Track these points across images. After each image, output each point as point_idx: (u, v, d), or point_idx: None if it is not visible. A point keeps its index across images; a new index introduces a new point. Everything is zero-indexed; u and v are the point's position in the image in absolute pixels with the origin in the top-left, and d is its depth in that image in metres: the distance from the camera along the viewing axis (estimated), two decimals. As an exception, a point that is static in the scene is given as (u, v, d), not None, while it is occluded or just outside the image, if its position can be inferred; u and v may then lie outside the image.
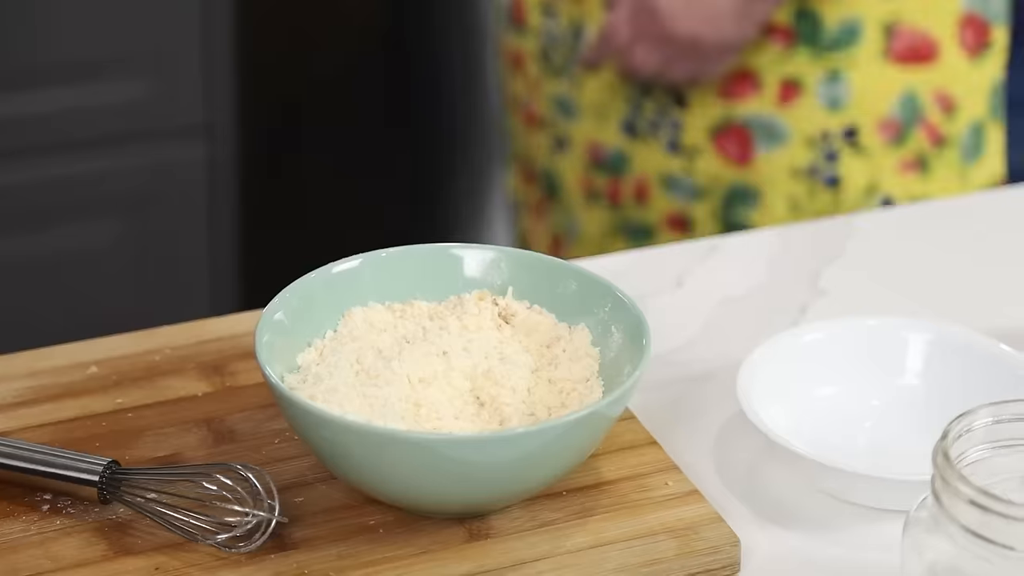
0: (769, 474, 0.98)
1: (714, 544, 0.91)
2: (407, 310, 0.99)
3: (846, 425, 1.00)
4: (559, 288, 1.00)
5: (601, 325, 0.98)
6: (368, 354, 0.96)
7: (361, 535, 0.91)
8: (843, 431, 1.00)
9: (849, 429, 1.00)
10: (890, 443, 0.99)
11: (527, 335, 0.98)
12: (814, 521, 0.95)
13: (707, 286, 1.15)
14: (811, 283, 1.15)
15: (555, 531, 0.92)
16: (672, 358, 1.07)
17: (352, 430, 0.89)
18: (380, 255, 1.01)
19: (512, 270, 1.01)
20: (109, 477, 0.92)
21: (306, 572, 0.89)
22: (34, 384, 1.01)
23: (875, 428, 0.99)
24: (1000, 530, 0.82)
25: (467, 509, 0.92)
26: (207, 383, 1.02)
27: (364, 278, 1.00)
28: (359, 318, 0.98)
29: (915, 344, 1.03)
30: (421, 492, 0.90)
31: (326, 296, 0.99)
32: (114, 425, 0.98)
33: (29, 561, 0.89)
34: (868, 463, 0.98)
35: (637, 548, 0.91)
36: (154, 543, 0.90)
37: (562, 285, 1.00)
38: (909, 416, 1.00)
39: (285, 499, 0.92)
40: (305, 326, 0.98)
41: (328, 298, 0.99)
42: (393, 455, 0.88)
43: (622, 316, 0.97)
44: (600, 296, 0.98)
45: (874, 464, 0.97)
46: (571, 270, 1.00)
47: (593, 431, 0.91)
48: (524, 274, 1.01)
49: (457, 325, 0.97)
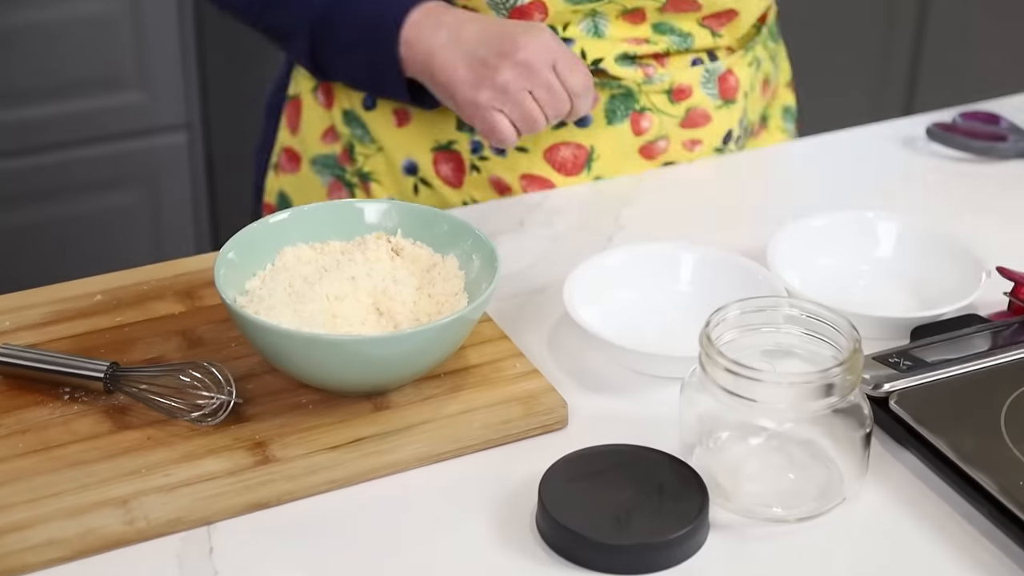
0: (588, 357, 0.98)
1: (549, 407, 0.91)
2: (324, 248, 0.98)
3: (641, 320, 1.00)
4: (435, 229, 0.98)
5: (465, 255, 0.97)
6: (297, 280, 0.94)
7: (296, 410, 0.90)
8: (638, 324, 0.99)
9: (643, 322, 1.00)
10: (671, 331, 0.99)
11: (412, 263, 0.96)
12: (619, 388, 0.95)
13: (541, 226, 1.13)
14: (614, 221, 1.14)
15: (436, 402, 0.91)
16: (517, 277, 1.06)
17: (286, 335, 0.87)
18: (304, 209, 0.99)
19: (400, 216, 0.99)
20: (111, 374, 0.91)
21: (257, 437, 0.88)
22: (55, 309, 0.99)
23: (661, 321, 0.98)
24: (746, 388, 0.82)
25: (372, 389, 0.91)
26: (182, 304, 1.00)
27: (293, 225, 0.98)
28: (290, 254, 0.97)
29: (686, 262, 1.03)
30: (338, 378, 0.89)
31: (266, 239, 0.97)
32: (114, 337, 0.96)
33: (56, 436, 0.88)
34: (656, 345, 0.97)
35: (494, 411, 0.91)
36: (146, 420, 0.89)
37: (437, 227, 0.98)
38: (684, 312, 1.00)
39: (240, 386, 0.91)
40: (250, 261, 0.96)
41: (267, 240, 0.97)
42: (317, 353, 0.87)
43: (480, 248, 0.96)
44: (464, 234, 0.97)
45: (661, 345, 0.97)
46: (444, 216, 0.99)
47: (461, 329, 0.90)
48: (409, 219, 0.99)
49: (361, 258, 0.96)
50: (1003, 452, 0.85)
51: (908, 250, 1.06)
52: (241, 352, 0.94)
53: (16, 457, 0.86)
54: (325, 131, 1.24)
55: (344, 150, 1.23)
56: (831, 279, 1.04)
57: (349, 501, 0.85)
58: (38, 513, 0.82)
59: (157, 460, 0.86)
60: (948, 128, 1.25)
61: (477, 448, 0.89)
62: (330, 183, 1.24)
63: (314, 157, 1.25)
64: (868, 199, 1.17)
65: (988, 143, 1.24)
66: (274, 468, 0.85)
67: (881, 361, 0.92)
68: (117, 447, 0.87)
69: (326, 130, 1.24)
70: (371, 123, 1.21)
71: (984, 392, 0.90)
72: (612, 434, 0.89)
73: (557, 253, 1.09)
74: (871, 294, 1.04)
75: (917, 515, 0.85)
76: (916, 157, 1.25)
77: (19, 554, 0.80)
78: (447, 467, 0.88)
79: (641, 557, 0.80)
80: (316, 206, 0.99)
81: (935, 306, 1.00)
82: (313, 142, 1.25)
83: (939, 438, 0.86)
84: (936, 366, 0.92)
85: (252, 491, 0.84)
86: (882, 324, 0.98)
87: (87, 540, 0.81)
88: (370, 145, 1.21)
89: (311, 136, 1.25)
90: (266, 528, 0.83)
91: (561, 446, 0.87)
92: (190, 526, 0.82)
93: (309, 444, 0.87)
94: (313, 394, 0.91)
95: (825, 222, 1.07)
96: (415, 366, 0.90)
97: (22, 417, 0.89)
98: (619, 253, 1.04)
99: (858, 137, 1.28)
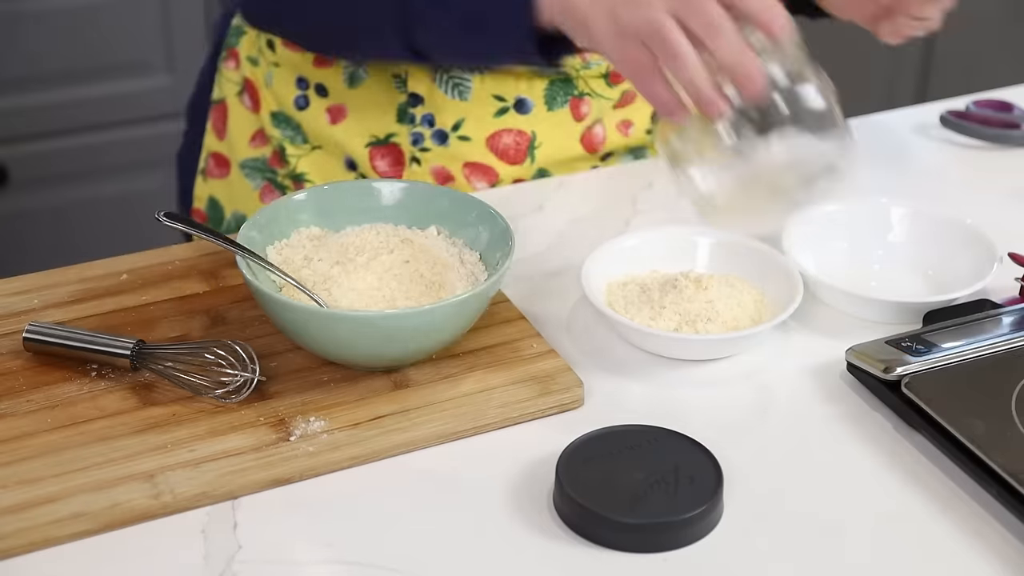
0: (604, 338, 0.97)
1: (565, 386, 0.91)
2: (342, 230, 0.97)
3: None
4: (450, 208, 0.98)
5: (479, 233, 0.96)
6: (317, 259, 0.94)
7: (318, 388, 0.90)
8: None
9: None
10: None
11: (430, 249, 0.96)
12: (635, 370, 0.95)
13: (559, 210, 1.13)
14: (632, 204, 1.13)
15: (454, 381, 0.91)
16: (536, 259, 1.06)
17: (308, 312, 0.87)
18: (322, 188, 0.99)
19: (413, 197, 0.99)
20: (138, 352, 0.91)
21: (279, 414, 0.88)
22: (83, 287, 0.99)
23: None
24: None
25: (390, 364, 0.91)
26: (206, 284, 1.00)
27: (310, 204, 0.98)
28: (307, 233, 0.96)
29: (702, 246, 1.03)
30: (359, 353, 0.89)
31: (283, 217, 0.97)
32: (141, 315, 0.96)
33: (84, 411, 0.88)
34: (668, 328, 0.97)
35: (512, 390, 0.90)
36: (171, 397, 0.89)
37: (465, 212, 0.98)
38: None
39: (263, 364, 0.90)
40: (270, 239, 0.95)
41: (285, 219, 0.97)
42: (339, 328, 0.87)
43: (493, 226, 0.96)
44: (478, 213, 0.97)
45: (676, 330, 0.96)
46: (458, 196, 0.99)
47: (478, 305, 0.90)
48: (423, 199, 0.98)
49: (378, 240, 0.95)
50: (1014, 435, 0.85)
51: (921, 236, 1.05)
52: (264, 331, 0.94)
53: (44, 432, 0.86)
54: (253, 134, 1.22)
55: (274, 152, 1.20)
56: (845, 264, 1.04)
57: (369, 477, 0.85)
58: (66, 487, 0.82)
59: (182, 436, 0.86)
60: (961, 116, 1.24)
61: (495, 427, 0.89)
62: (262, 187, 1.22)
63: (243, 161, 1.22)
64: (882, 185, 1.17)
65: (1001, 130, 1.23)
66: (296, 445, 0.85)
67: (894, 345, 0.92)
68: (143, 423, 0.87)
69: (254, 133, 1.22)
70: (304, 122, 1.18)
71: (996, 376, 0.90)
72: (628, 415, 0.89)
73: (575, 236, 1.09)
74: (884, 279, 1.04)
75: (929, 497, 0.84)
76: (929, 144, 1.24)
77: (47, 527, 0.80)
78: (465, 445, 0.88)
79: (656, 535, 0.80)
80: (334, 185, 0.99)
81: (948, 291, 1.00)
82: (242, 146, 1.22)
83: (951, 422, 0.86)
84: (948, 350, 0.91)
85: (275, 467, 0.84)
86: (895, 308, 0.98)
87: (114, 514, 0.81)
88: (303, 145, 1.19)
89: (239, 140, 1.22)
90: (289, 503, 0.83)
91: (577, 426, 0.87)
92: (215, 500, 0.83)
93: (331, 421, 0.87)
94: (335, 372, 0.91)
95: (839, 208, 1.06)
96: (436, 340, 0.90)
97: (50, 393, 0.89)
98: (636, 236, 1.03)
99: (872, 124, 1.28)
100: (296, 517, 0.82)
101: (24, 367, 0.91)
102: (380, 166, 1.17)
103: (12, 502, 0.81)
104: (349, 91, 1.15)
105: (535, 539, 0.81)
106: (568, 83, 1.15)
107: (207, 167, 1.26)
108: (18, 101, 2.00)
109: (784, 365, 0.95)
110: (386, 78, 1.14)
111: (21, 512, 0.80)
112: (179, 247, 1.04)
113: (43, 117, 2.02)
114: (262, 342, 0.93)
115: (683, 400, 0.92)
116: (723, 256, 1.02)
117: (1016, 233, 1.07)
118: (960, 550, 0.81)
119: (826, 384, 0.93)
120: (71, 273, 1.00)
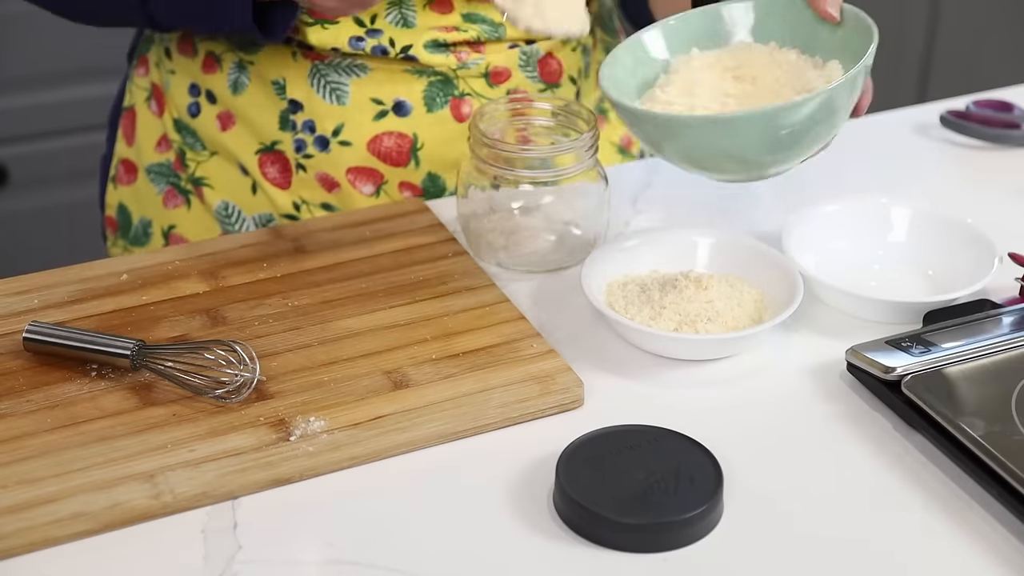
0: (604, 338, 0.97)
1: (565, 386, 0.91)
2: None
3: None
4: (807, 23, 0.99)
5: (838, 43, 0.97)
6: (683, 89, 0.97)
7: (317, 388, 0.90)
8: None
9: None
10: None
11: None
12: (635, 370, 0.95)
13: (559, 209, 1.13)
14: (632, 204, 1.13)
15: (454, 381, 0.91)
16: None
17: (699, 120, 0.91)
18: (670, 22, 1.00)
19: None
20: (138, 351, 0.91)
21: (279, 414, 0.88)
22: (83, 287, 0.99)
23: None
24: None
25: None
26: (206, 284, 1.00)
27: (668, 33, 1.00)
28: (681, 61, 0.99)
29: (702, 246, 1.03)
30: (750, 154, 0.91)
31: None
32: (140, 315, 0.96)
33: (84, 411, 0.88)
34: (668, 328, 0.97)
35: (512, 390, 0.90)
36: (171, 397, 0.89)
37: None
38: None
39: (263, 364, 0.90)
40: None
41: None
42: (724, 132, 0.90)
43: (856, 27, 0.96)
44: None
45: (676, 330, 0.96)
46: None
47: (853, 91, 0.91)
48: None
49: None
50: (1014, 436, 0.85)
51: (921, 236, 1.05)
52: (264, 331, 0.94)
53: (44, 432, 0.86)
54: (159, 139, 1.21)
55: (177, 157, 1.20)
56: (845, 263, 1.03)
57: (369, 477, 0.85)
58: (66, 487, 0.82)
59: (182, 436, 0.86)
60: (961, 116, 1.24)
61: (495, 427, 0.89)
62: (165, 191, 1.21)
63: (149, 166, 1.21)
64: (882, 185, 1.16)
65: (1001, 130, 1.23)
66: (296, 445, 0.85)
67: (894, 345, 0.92)
68: (143, 423, 0.87)
69: (160, 138, 1.21)
70: (200, 129, 1.17)
71: (996, 376, 0.90)
72: (628, 415, 0.89)
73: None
74: (884, 279, 1.03)
75: (929, 497, 0.84)
76: (929, 144, 1.24)
77: (47, 527, 0.80)
78: (465, 445, 0.88)
79: (656, 535, 0.80)
80: (682, 17, 1.00)
81: (948, 291, 1.00)
82: (148, 151, 1.22)
83: (951, 422, 0.86)
84: (948, 350, 0.91)
85: (275, 467, 0.84)
86: (895, 308, 0.98)
87: (114, 513, 0.81)
88: (202, 151, 1.18)
89: (146, 145, 1.22)
90: (289, 503, 0.83)
91: (577, 426, 0.87)
92: (215, 500, 0.83)
93: (331, 421, 0.87)
94: (335, 372, 0.91)
95: (839, 207, 1.06)
96: (819, 136, 0.91)
97: (50, 393, 0.89)
98: (636, 237, 1.03)
99: (872, 124, 1.28)
100: (296, 517, 0.82)
101: (24, 367, 0.91)
102: (270, 173, 1.16)
103: (12, 502, 0.81)
104: (234, 98, 1.15)
105: (535, 539, 0.81)
106: (448, 83, 1.13)
107: (117, 174, 1.25)
108: (18, 101, 2.00)
109: (784, 365, 0.95)
110: (266, 84, 1.14)
111: (21, 512, 0.80)
112: (178, 247, 1.04)
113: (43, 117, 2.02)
114: (262, 342, 0.93)
115: (683, 400, 0.92)
116: (723, 256, 1.01)
117: (1016, 233, 1.07)
118: (960, 550, 0.81)
119: (826, 384, 0.93)
120: (71, 273, 1.00)
